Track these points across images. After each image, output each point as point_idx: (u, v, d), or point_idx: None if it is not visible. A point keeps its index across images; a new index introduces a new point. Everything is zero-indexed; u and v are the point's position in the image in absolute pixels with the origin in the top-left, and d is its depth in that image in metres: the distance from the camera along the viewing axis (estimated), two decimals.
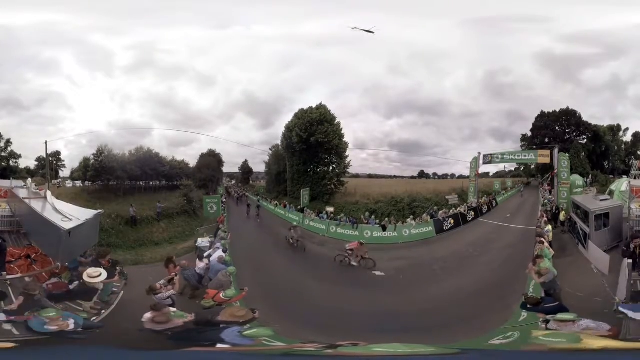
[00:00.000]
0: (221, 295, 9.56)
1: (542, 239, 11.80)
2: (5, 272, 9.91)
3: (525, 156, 20.19)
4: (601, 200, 14.33)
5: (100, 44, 17.54)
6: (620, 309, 8.05)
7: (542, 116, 21.15)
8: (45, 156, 18.02)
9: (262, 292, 11.90)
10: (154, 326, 8.14)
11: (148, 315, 8.27)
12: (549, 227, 14.33)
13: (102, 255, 10.74)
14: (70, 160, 20.03)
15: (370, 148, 22.07)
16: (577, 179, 18.44)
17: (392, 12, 16.14)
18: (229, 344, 7.70)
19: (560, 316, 7.74)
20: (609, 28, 16.25)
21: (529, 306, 8.75)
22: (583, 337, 6.96)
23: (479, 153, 19.71)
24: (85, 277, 9.65)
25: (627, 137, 21.31)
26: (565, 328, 7.43)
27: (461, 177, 21.81)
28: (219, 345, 7.65)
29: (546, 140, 20.56)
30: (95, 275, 9.65)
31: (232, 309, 9.02)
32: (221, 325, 8.46)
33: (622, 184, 15.34)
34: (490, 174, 22.85)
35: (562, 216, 15.87)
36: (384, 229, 17.37)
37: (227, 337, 7.85)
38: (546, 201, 18.76)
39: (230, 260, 11.89)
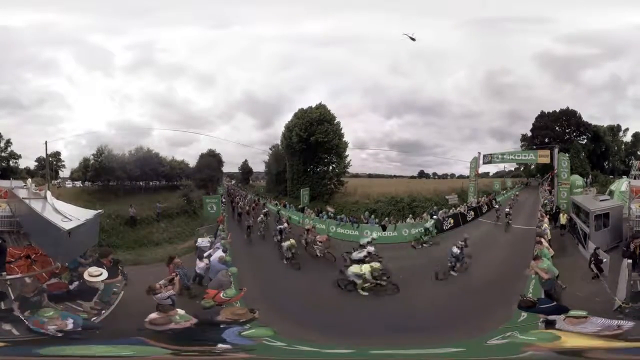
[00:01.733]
0: (221, 295, 9.57)
1: (541, 239, 11.82)
2: (5, 272, 9.91)
3: (525, 156, 20.17)
4: (601, 200, 14.35)
5: (99, 43, 17.54)
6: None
7: (542, 116, 21.13)
8: (45, 156, 18.02)
9: (262, 292, 11.92)
10: (156, 327, 8.16)
11: (153, 316, 8.30)
12: (545, 225, 14.39)
13: (103, 254, 10.76)
14: (70, 161, 20.02)
15: (370, 148, 22.09)
16: (577, 179, 18.43)
17: (392, 12, 16.16)
18: (229, 344, 7.73)
19: (572, 313, 7.77)
20: (608, 28, 16.25)
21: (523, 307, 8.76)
22: (562, 335, 7.00)
23: (479, 153, 19.72)
24: (86, 276, 9.66)
25: (627, 137, 21.33)
26: (579, 326, 7.46)
27: (461, 177, 21.82)
28: (219, 345, 7.68)
29: (546, 140, 20.54)
30: (96, 274, 9.67)
31: (233, 308, 9.06)
32: (222, 325, 8.48)
33: (622, 184, 15.35)
34: (490, 174, 22.87)
35: (562, 219, 15.65)
36: (384, 228, 17.38)
37: (228, 337, 7.88)
38: (546, 201, 18.76)
39: (231, 261, 11.91)
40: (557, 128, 21.08)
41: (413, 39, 16.48)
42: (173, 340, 7.99)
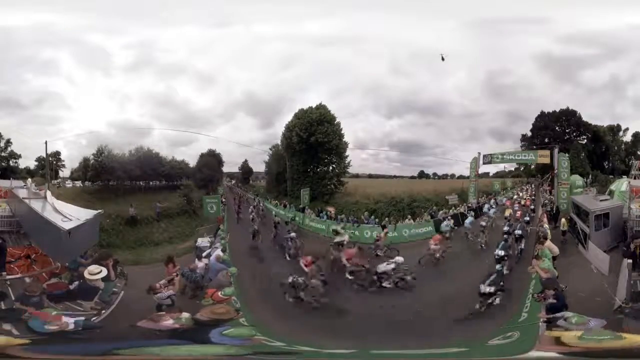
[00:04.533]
0: (219, 293, 9.59)
1: (545, 239, 11.83)
2: (5, 272, 9.92)
3: (525, 156, 20.13)
4: (601, 200, 14.33)
5: (98, 43, 17.51)
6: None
7: (542, 116, 21.13)
8: (45, 156, 18.03)
9: (262, 292, 11.92)
10: (151, 323, 8.19)
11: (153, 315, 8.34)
12: (546, 225, 14.38)
13: (103, 257, 10.74)
14: (70, 161, 20.02)
15: (370, 148, 22.09)
16: (577, 179, 18.42)
17: (392, 12, 16.17)
18: (219, 344, 7.75)
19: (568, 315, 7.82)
20: (607, 29, 16.26)
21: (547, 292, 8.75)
22: (626, 335, 7.02)
23: (479, 153, 19.64)
24: (86, 275, 9.67)
25: (627, 137, 21.32)
26: (575, 327, 7.50)
27: (461, 177, 21.81)
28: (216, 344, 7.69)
29: (546, 140, 20.55)
30: (96, 272, 9.68)
31: (212, 307, 9.06)
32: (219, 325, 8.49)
33: (622, 184, 15.34)
34: (490, 174, 22.84)
35: (564, 225, 15.20)
36: (384, 228, 17.36)
37: (213, 337, 7.91)
38: (546, 201, 18.76)
39: (229, 259, 11.91)
40: (557, 128, 21.08)
41: (443, 59, 17.16)
42: (168, 339, 8.03)
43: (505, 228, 14.42)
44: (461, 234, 16.19)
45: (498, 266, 11.52)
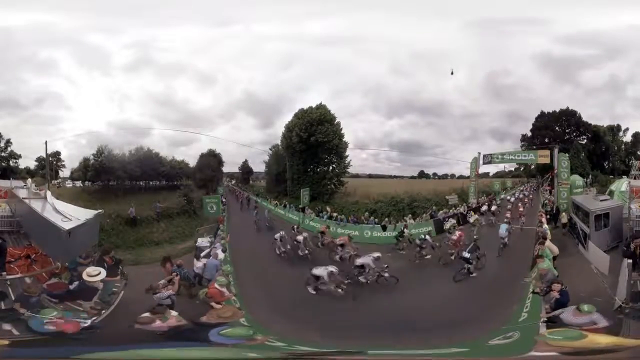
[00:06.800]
0: (215, 284, 9.66)
1: (544, 239, 11.84)
2: (5, 272, 9.92)
3: (525, 156, 20.14)
4: (601, 200, 14.34)
5: (98, 43, 17.54)
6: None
7: (542, 116, 21.19)
8: (45, 156, 18.04)
9: (263, 292, 11.92)
10: (142, 325, 8.18)
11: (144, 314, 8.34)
12: (546, 225, 14.40)
13: (105, 252, 10.79)
14: (70, 161, 20.09)
15: (370, 148, 22.11)
16: (577, 179, 18.43)
17: (393, 12, 16.19)
18: (218, 343, 7.74)
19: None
20: (607, 29, 16.33)
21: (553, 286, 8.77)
22: (588, 333, 7.00)
23: (479, 153, 19.67)
24: (84, 276, 9.68)
25: (627, 137, 21.41)
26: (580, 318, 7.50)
27: (461, 177, 21.87)
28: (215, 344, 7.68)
29: (546, 140, 20.58)
30: (94, 274, 9.68)
31: (218, 311, 9.09)
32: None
33: (622, 184, 15.38)
34: (490, 174, 22.89)
35: (564, 218, 15.52)
36: (384, 228, 17.39)
37: (212, 337, 7.91)
38: (546, 201, 18.77)
39: (229, 258, 11.90)
40: (557, 128, 21.14)
41: (452, 73, 17.89)
42: (167, 340, 8.02)
43: None
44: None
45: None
